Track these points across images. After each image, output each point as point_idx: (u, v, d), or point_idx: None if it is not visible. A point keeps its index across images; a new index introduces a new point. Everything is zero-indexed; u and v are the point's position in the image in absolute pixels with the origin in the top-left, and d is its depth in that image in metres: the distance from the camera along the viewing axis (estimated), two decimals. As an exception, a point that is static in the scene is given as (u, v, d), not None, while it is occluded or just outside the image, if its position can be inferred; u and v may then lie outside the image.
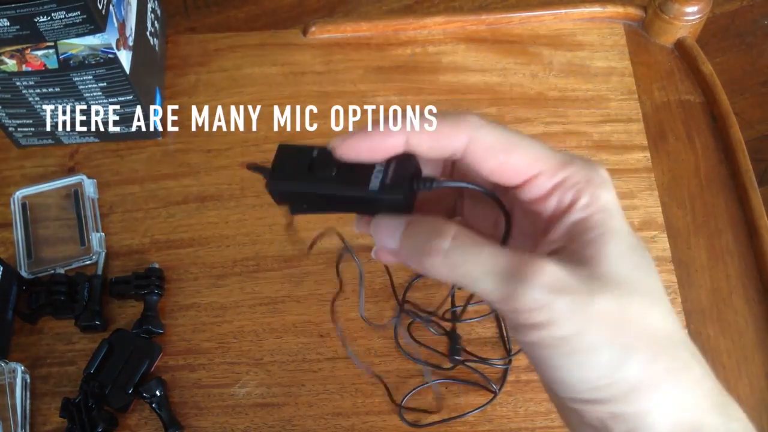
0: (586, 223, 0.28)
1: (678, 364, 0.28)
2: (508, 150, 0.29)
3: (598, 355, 0.27)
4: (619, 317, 0.27)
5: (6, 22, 0.49)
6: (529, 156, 0.29)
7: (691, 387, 0.28)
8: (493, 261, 0.28)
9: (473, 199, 0.35)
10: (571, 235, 0.29)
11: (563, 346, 0.27)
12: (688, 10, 0.67)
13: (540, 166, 0.29)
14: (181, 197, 0.62)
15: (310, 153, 0.32)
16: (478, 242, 0.28)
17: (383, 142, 0.30)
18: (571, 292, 0.27)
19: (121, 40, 0.55)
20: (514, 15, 0.70)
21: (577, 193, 0.29)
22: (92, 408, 0.53)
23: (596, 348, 0.27)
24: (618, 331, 0.27)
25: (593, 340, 0.27)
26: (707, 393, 0.28)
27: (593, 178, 0.29)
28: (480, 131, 0.29)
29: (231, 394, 0.55)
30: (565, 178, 0.29)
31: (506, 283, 0.27)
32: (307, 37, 0.70)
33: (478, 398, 0.54)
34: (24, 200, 0.62)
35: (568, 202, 0.29)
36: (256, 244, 0.60)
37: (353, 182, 0.30)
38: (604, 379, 0.27)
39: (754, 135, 1.42)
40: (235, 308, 0.58)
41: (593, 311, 0.27)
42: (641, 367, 0.27)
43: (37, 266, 0.59)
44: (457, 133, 0.29)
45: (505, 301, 0.27)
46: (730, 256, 0.60)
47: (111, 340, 0.55)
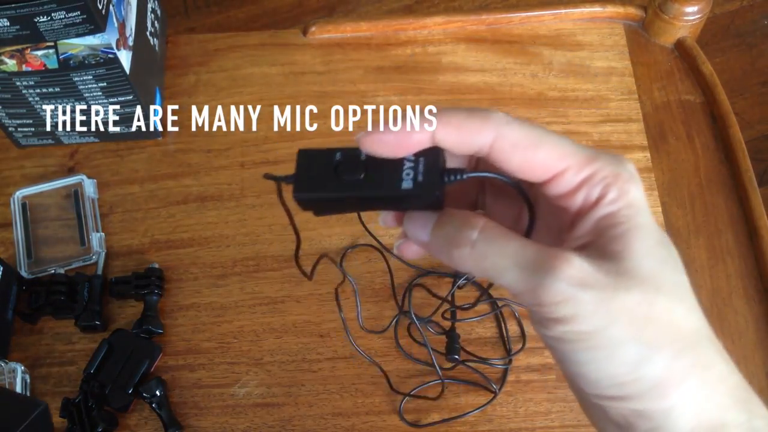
0: (614, 219, 0.28)
1: (703, 360, 0.28)
2: (535, 146, 0.29)
3: (622, 350, 0.27)
4: (645, 313, 0.27)
5: (6, 22, 0.49)
6: (556, 152, 0.29)
7: (715, 384, 0.28)
8: (520, 253, 0.28)
9: (495, 194, 0.35)
10: (598, 231, 0.29)
11: (587, 340, 0.27)
12: (688, 10, 0.67)
13: (567, 162, 0.29)
14: (181, 197, 0.62)
15: (332, 156, 0.32)
16: (506, 234, 0.28)
17: (411, 137, 0.30)
18: (596, 286, 0.26)
19: (121, 40, 0.55)
20: (514, 15, 0.70)
21: (605, 188, 0.29)
22: (92, 408, 0.53)
23: (621, 343, 0.27)
24: (643, 326, 0.27)
25: (618, 335, 0.27)
26: (731, 390, 0.28)
27: (621, 173, 0.29)
28: (506, 127, 0.29)
29: (231, 394, 0.55)
30: (593, 173, 0.29)
31: (532, 275, 0.27)
32: (307, 37, 0.70)
33: (479, 398, 0.54)
34: (24, 200, 0.62)
35: (595, 198, 0.29)
36: (256, 244, 0.60)
37: (385, 182, 0.30)
38: (629, 375, 0.27)
39: (754, 135, 1.42)
40: (235, 308, 0.58)
41: (618, 306, 0.26)
42: (666, 364, 0.27)
43: (37, 266, 0.59)
44: (484, 129, 0.29)
45: (530, 293, 0.27)
46: (730, 256, 0.60)
47: (111, 340, 0.55)
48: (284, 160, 0.63)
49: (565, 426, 0.54)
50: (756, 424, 0.28)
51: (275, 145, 0.64)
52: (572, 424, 0.53)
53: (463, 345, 0.56)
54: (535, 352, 0.56)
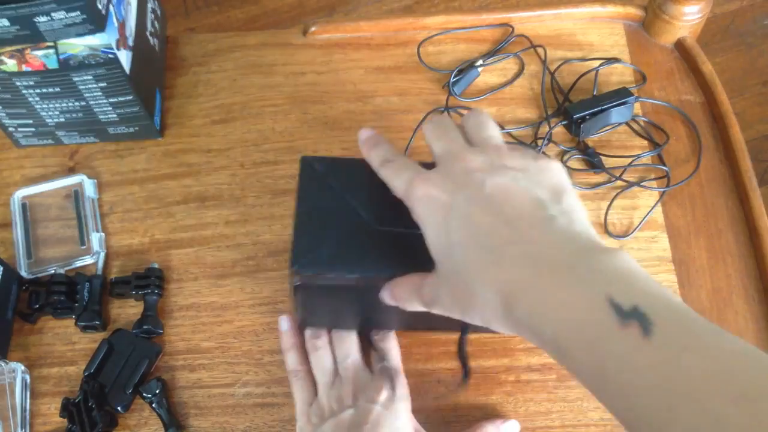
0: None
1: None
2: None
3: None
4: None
5: (6, 22, 0.49)
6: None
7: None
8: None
9: None
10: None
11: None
12: (688, 10, 0.67)
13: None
14: (181, 197, 0.62)
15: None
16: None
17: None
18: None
19: (121, 40, 0.55)
20: (514, 15, 0.70)
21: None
22: (92, 408, 0.53)
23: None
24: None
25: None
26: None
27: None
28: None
29: (231, 394, 0.55)
30: None
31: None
32: (307, 37, 0.70)
33: (479, 397, 0.54)
34: (24, 200, 0.62)
35: None
36: (256, 244, 0.60)
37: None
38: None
39: (754, 135, 1.42)
40: (235, 308, 0.58)
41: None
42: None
43: (37, 266, 0.59)
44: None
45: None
46: (730, 256, 0.60)
47: (111, 340, 0.55)
48: (284, 160, 0.63)
49: (565, 426, 0.54)
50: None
51: (275, 145, 0.64)
52: (572, 424, 0.54)
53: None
54: (535, 352, 0.56)
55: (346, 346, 0.53)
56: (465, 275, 0.38)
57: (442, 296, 0.40)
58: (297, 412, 0.52)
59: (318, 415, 0.51)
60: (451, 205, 0.38)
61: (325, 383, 0.52)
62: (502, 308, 0.36)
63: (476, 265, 0.37)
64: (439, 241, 0.39)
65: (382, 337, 0.54)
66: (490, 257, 0.37)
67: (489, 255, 0.37)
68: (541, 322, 0.35)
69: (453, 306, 0.40)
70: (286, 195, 0.62)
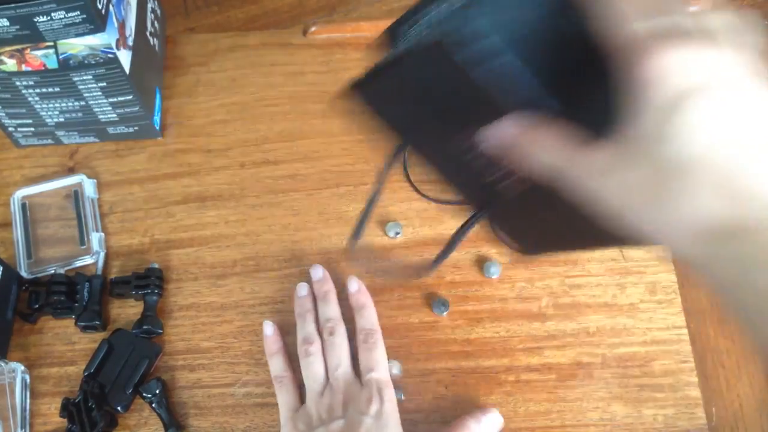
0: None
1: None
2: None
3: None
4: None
5: (6, 22, 0.49)
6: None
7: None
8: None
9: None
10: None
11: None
12: (688, 10, 0.67)
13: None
14: (181, 197, 0.62)
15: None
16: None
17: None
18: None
19: (121, 40, 0.55)
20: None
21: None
22: (92, 408, 0.53)
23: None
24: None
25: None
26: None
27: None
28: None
29: (231, 394, 0.55)
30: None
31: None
32: (307, 37, 0.70)
33: (479, 397, 0.54)
34: (24, 200, 0.62)
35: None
36: (256, 244, 0.60)
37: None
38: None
39: (755, 135, 1.42)
40: (235, 308, 0.58)
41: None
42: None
43: (37, 266, 0.59)
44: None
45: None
46: (730, 256, 0.60)
47: (111, 340, 0.55)
48: (284, 160, 0.63)
49: (565, 426, 0.54)
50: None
51: (275, 145, 0.64)
52: (572, 424, 0.54)
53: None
54: (535, 352, 0.56)
55: (338, 354, 0.53)
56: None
57: (629, 180, 0.27)
58: (281, 418, 0.52)
59: (306, 423, 0.50)
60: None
61: (315, 391, 0.52)
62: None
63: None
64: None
65: (371, 346, 0.53)
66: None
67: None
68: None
69: (642, 200, 0.27)
70: (286, 195, 0.62)
